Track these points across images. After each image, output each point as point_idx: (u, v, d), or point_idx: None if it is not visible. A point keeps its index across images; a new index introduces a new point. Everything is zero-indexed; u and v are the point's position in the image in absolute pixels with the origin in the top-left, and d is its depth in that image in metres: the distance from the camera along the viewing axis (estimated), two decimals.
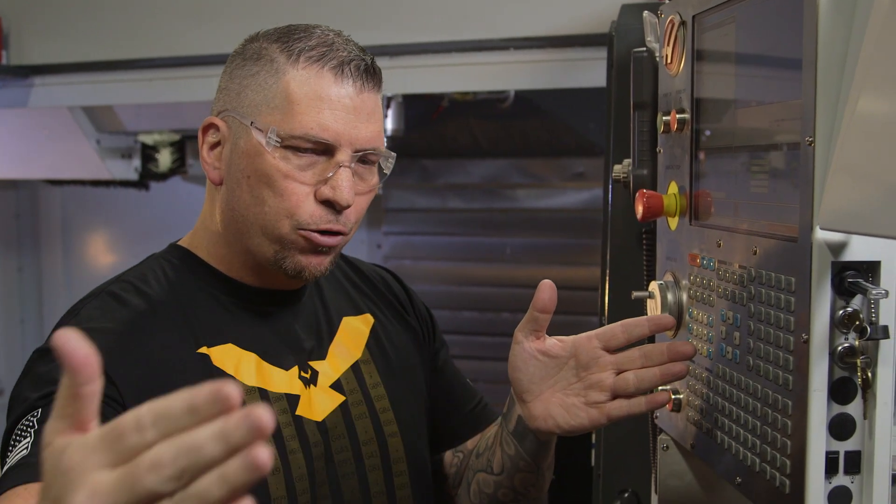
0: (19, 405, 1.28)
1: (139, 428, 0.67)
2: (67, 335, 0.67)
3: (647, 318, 1.37)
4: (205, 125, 1.41)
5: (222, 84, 1.42)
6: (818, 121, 1.02)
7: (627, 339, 1.36)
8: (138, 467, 0.66)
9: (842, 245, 1.04)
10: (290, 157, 1.33)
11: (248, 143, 1.35)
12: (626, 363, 1.35)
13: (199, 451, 0.65)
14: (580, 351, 1.37)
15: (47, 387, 1.26)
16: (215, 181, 1.40)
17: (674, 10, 1.40)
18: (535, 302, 1.35)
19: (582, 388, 1.37)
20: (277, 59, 1.35)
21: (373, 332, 1.56)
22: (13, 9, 3.34)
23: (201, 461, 0.65)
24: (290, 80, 1.34)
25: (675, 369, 1.33)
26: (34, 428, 1.23)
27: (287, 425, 1.40)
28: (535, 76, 2.77)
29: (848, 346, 1.05)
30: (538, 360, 1.38)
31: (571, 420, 1.37)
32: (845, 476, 1.08)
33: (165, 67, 3.15)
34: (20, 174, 4.23)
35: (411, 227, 4.37)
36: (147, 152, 3.86)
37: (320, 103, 1.33)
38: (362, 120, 1.36)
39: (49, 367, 1.29)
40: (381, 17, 2.88)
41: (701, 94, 1.34)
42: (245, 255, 1.41)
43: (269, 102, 1.34)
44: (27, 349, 4.75)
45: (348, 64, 1.35)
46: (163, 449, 0.66)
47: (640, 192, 1.42)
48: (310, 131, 1.33)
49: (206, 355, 1.37)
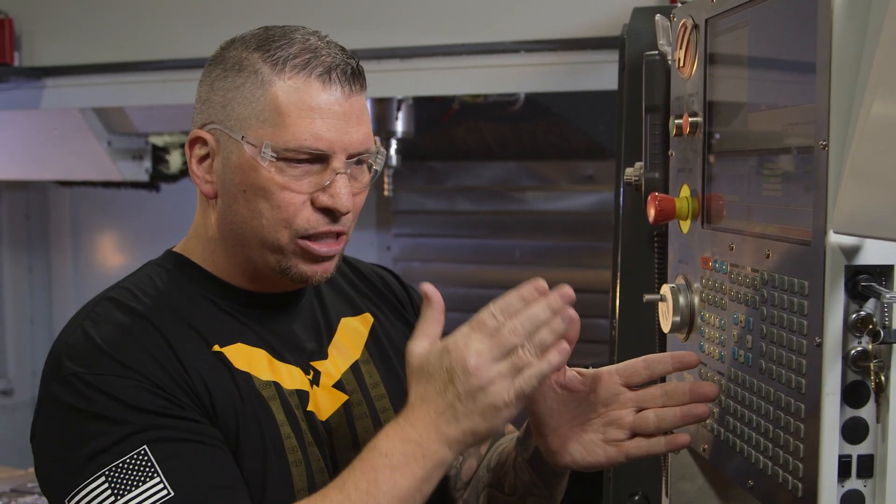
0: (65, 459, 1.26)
1: (492, 316, 1.20)
2: (430, 288, 1.26)
3: (671, 354, 1.36)
4: (191, 139, 1.39)
5: (203, 95, 1.40)
6: (832, 125, 1.02)
7: (649, 375, 1.35)
8: (500, 332, 1.19)
9: (855, 249, 1.04)
10: (285, 169, 1.33)
11: (240, 158, 1.34)
12: (646, 401, 1.33)
13: (536, 317, 1.19)
14: (600, 386, 1.35)
15: (93, 441, 1.25)
16: (208, 195, 1.39)
17: (686, 14, 1.40)
18: None
19: (601, 424, 1.36)
20: (261, 69, 1.33)
21: (372, 332, 1.56)
22: (25, 11, 3.35)
23: (538, 322, 1.19)
24: (277, 92, 1.32)
25: (696, 411, 1.31)
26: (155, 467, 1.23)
27: (303, 419, 1.40)
28: (545, 79, 2.77)
29: (861, 349, 1.05)
30: (557, 393, 1.36)
31: (589, 457, 1.36)
32: (858, 480, 1.08)
33: (176, 69, 3.16)
34: (32, 175, 4.25)
35: (420, 229, 4.37)
36: (157, 154, 3.88)
37: (311, 113, 1.32)
38: (353, 124, 1.35)
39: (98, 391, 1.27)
40: (392, 19, 2.88)
41: (713, 98, 1.34)
42: (245, 263, 1.40)
43: (258, 115, 1.33)
44: (37, 349, 4.79)
45: (335, 69, 1.34)
46: (515, 322, 1.19)
47: (653, 196, 1.42)
48: (304, 142, 1.32)
49: (221, 353, 1.37)
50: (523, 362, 1.18)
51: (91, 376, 1.28)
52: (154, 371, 1.30)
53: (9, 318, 4.77)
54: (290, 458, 1.36)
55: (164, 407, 1.27)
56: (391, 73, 2.42)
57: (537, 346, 1.19)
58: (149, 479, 1.23)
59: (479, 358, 1.18)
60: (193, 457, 1.26)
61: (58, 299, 4.84)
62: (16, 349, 4.79)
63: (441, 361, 1.21)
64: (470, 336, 1.20)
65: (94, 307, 1.38)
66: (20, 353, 4.80)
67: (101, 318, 1.36)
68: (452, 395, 1.19)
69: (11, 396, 4.75)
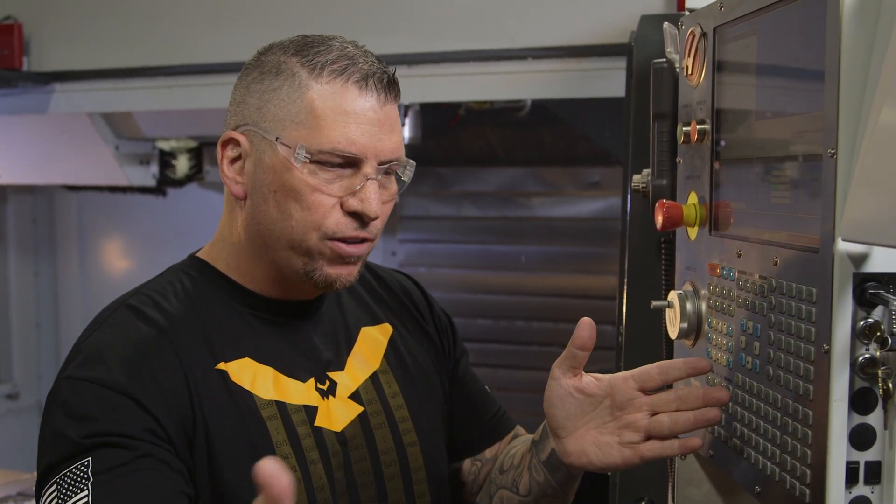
0: (60, 442, 1.29)
1: None
2: (270, 467, 0.97)
3: (684, 360, 1.37)
4: (224, 140, 1.40)
5: (238, 97, 1.42)
6: (841, 132, 1.03)
7: (664, 380, 1.37)
8: None
9: (863, 256, 1.04)
10: (318, 172, 1.34)
11: (273, 159, 1.35)
12: (660, 405, 1.36)
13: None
14: (616, 391, 1.37)
15: (87, 424, 1.27)
16: (239, 196, 1.40)
17: (695, 22, 1.40)
18: (574, 339, 1.35)
19: (616, 427, 1.37)
20: (299, 73, 1.35)
21: (391, 341, 1.57)
22: (34, 16, 3.37)
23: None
24: (314, 95, 1.34)
25: (709, 415, 1.32)
26: (90, 481, 1.24)
27: (307, 436, 1.40)
28: (552, 86, 2.78)
29: (869, 356, 1.06)
30: (574, 397, 1.38)
31: (605, 458, 1.38)
32: (865, 486, 1.08)
33: (184, 74, 3.17)
34: (40, 180, 4.26)
35: (427, 234, 4.38)
36: (165, 158, 3.88)
37: (346, 117, 1.34)
38: (386, 132, 1.36)
39: (81, 398, 1.30)
40: (399, 25, 2.89)
41: (721, 105, 1.35)
42: (269, 267, 1.41)
43: (293, 118, 1.34)
44: (43, 353, 4.79)
45: (371, 77, 1.36)
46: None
47: (660, 202, 1.43)
48: (337, 146, 1.33)
49: (224, 371, 1.38)
50: None
51: (83, 384, 1.30)
52: (150, 395, 1.31)
53: (15, 322, 4.77)
54: None
55: (133, 430, 1.28)
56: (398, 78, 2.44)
57: None
58: (81, 490, 1.24)
59: None
60: (131, 480, 1.26)
61: (64, 304, 4.84)
62: (21, 353, 4.79)
63: None
64: None
65: (113, 313, 1.39)
66: (26, 357, 4.80)
67: (118, 327, 1.37)
68: None
69: (17, 400, 4.75)
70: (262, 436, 1.37)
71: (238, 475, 1.33)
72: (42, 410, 1.37)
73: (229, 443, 1.34)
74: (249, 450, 1.35)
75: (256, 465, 0.98)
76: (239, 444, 1.35)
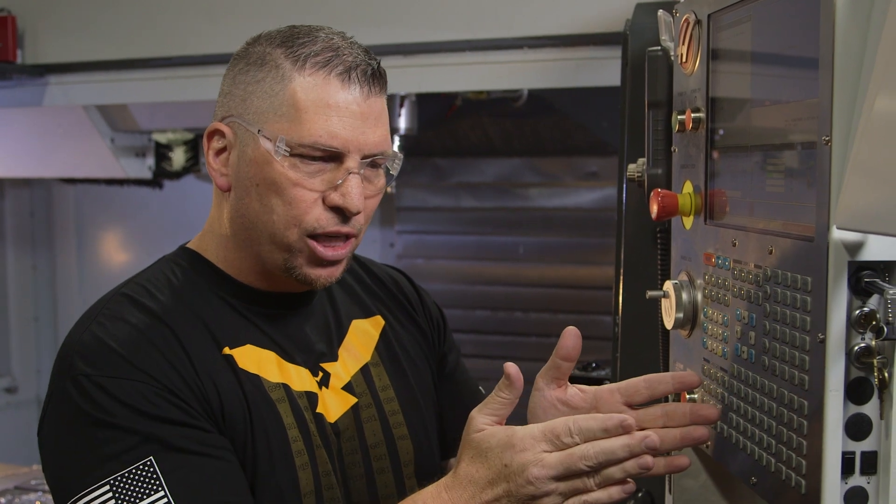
0: (71, 461, 1.26)
1: (569, 433, 1.17)
2: (513, 368, 1.23)
3: (672, 374, 1.34)
4: (210, 131, 1.40)
5: (225, 88, 1.41)
6: (835, 120, 1.02)
7: (650, 395, 1.33)
8: (572, 455, 1.16)
9: (858, 245, 1.04)
10: (299, 165, 1.33)
11: (255, 151, 1.34)
12: (647, 421, 1.30)
13: (612, 453, 1.16)
14: (601, 404, 1.34)
15: (100, 447, 1.25)
16: (223, 187, 1.39)
17: (689, 9, 1.39)
18: (559, 349, 1.31)
19: None
20: (283, 64, 1.34)
21: (383, 334, 1.56)
22: (28, 8, 3.35)
23: (612, 458, 1.17)
24: (296, 88, 1.33)
25: (696, 433, 1.28)
26: (160, 480, 1.23)
27: (311, 421, 1.40)
28: (548, 75, 2.77)
29: (864, 346, 1.05)
30: (558, 409, 1.34)
31: None
32: (861, 476, 1.07)
33: (180, 66, 3.15)
34: (35, 173, 4.26)
35: (424, 225, 4.37)
36: (161, 151, 3.88)
37: (328, 110, 1.32)
38: (370, 125, 1.35)
39: (112, 393, 1.27)
40: (394, 15, 2.88)
41: (716, 94, 1.34)
42: (255, 260, 1.40)
43: (275, 110, 1.33)
44: (41, 347, 4.80)
45: (355, 69, 1.34)
46: (589, 448, 1.17)
47: (655, 192, 1.42)
48: (318, 139, 1.32)
49: (230, 356, 1.37)
50: (582, 489, 1.18)
51: (102, 379, 1.27)
52: (167, 375, 1.29)
53: (13, 316, 4.78)
54: (298, 461, 1.36)
55: (173, 414, 1.27)
56: (394, 69, 2.42)
57: (602, 479, 1.18)
58: (153, 491, 1.23)
59: (541, 469, 1.17)
60: (200, 470, 1.26)
61: (62, 297, 4.84)
62: (20, 347, 4.80)
63: (503, 453, 1.20)
64: (539, 442, 1.18)
65: (108, 303, 1.38)
66: (24, 351, 4.80)
67: (116, 315, 1.35)
68: (502, 490, 1.19)
69: (16, 394, 4.76)
70: (273, 418, 1.36)
71: (260, 454, 1.33)
72: (41, 408, 1.35)
73: (245, 425, 1.33)
74: (263, 431, 1.34)
75: (507, 364, 1.24)
76: (256, 427, 1.34)
